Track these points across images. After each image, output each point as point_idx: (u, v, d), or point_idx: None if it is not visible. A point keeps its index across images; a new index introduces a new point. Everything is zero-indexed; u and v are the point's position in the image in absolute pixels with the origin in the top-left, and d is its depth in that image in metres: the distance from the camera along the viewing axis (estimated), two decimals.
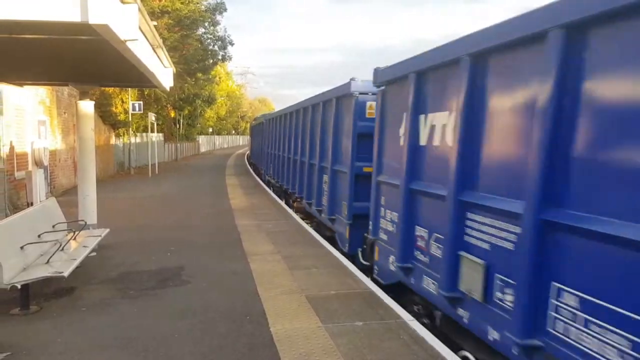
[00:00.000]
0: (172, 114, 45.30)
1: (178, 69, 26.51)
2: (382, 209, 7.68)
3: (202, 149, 67.15)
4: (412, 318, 6.14)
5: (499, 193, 4.73)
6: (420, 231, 6.36)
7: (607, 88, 3.66)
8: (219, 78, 64.53)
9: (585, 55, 3.79)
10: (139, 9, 5.20)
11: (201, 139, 67.58)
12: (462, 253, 5.26)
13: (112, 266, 8.48)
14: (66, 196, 16.94)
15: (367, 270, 8.34)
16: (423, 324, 6.09)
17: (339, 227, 10.57)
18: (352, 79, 9.74)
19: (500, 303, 4.64)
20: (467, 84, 5.14)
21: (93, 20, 4.23)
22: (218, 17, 39.23)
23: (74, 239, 8.02)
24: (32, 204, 13.28)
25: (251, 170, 32.59)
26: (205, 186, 22.57)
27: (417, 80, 6.39)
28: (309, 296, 6.90)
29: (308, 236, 11.16)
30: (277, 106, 67.97)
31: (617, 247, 3.44)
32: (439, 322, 6.06)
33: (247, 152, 53.25)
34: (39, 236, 7.36)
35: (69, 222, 8.69)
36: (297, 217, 13.79)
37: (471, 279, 5.08)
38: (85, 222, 8.92)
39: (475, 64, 5.10)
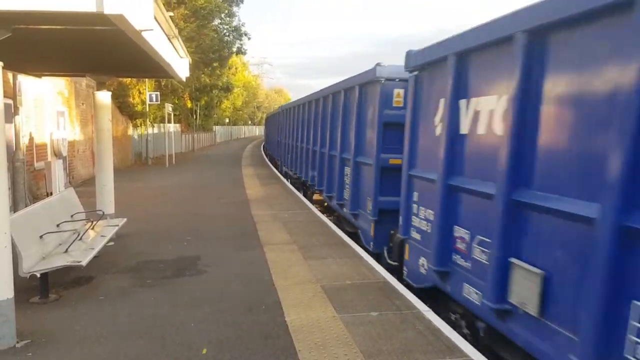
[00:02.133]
0: (189, 105, 45.47)
1: (194, 59, 26.59)
2: (415, 205, 7.14)
3: (219, 140, 67.39)
4: (428, 309, 6.11)
5: (564, 193, 4.11)
6: (460, 232, 5.79)
7: None
8: (236, 68, 64.63)
9: None
10: None
11: (218, 129, 67.80)
12: (514, 260, 4.66)
13: (129, 255, 8.56)
14: (84, 186, 17.12)
15: (394, 271, 7.89)
16: (462, 334, 5.57)
17: (363, 224, 10.12)
18: (377, 64, 9.14)
19: (562, 319, 4.07)
20: (522, 65, 4.52)
21: (108, 10, 4.23)
22: (234, 9, 39.29)
23: (92, 228, 8.11)
24: (51, 194, 13.46)
25: (267, 161, 32.64)
26: (221, 176, 22.66)
27: (457, 63, 5.82)
28: (324, 286, 6.90)
29: (324, 226, 11.16)
30: (294, 96, 68.01)
31: None
32: (482, 333, 5.50)
33: (263, 142, 53.35)
34: (57, 226, 7.45)
35: (87, 212, 8.79)
36: (313, 207, 13.78)
37: (525, 290, 4.45)
38: (103, 212, 9.02)
39: (532, 42, 4.45)
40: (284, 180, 21.04)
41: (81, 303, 6.31)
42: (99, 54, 7.94)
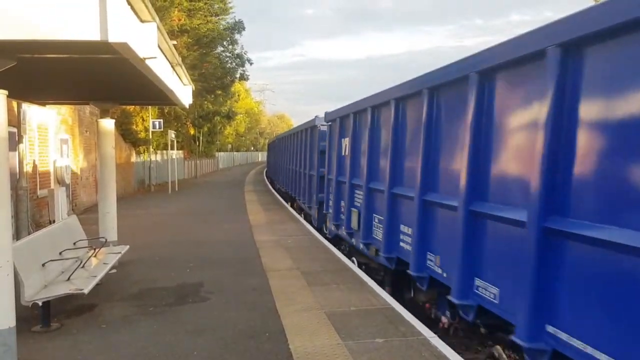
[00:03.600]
0: (192, 131, 45.73)
1: (197, 86, 26.82)
2: (331, 195, 12.49)
3: (221, 166, 67.59)
4: (433, 335, 6.03)
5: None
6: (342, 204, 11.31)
7: None
8: (238, 95, 65.15)
9: None
10: (158, 28, 5.25)
11: (220, 155, 68.06)
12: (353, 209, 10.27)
13: (132, 283, 8.51)
14: (87, 213, 17.12)
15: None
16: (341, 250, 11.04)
17: (312, 211, 16.30)
18: (316, 116, 15.53)
19: None
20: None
21: (112, 38, 4.27)
22: (236, 36, 39.82)
23: (95, 256, 8.08)
24: (54, 222, 13.44)
25: (270, 186, 32.67)
26: (224, 202, 22.66)
27: (340, 121, 11.66)
28: (328, 312, 6.83)
29: (327, 252, 11.09)
30: (296, 122, 68.21)
31: None
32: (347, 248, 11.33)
33: (265, 168, 53.49)
34: (60, 253, 7.41)
35: (89, 239, 8.76)
36: (316, 232, 13.74)
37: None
38: (106, 239, 8.98)
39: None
40: (286, 205, 21.03)
41: (83, 332, 6.25)
42: (103, 82, 8.01)
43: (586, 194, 3.96)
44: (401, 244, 7.74)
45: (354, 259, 10.34)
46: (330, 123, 12.76)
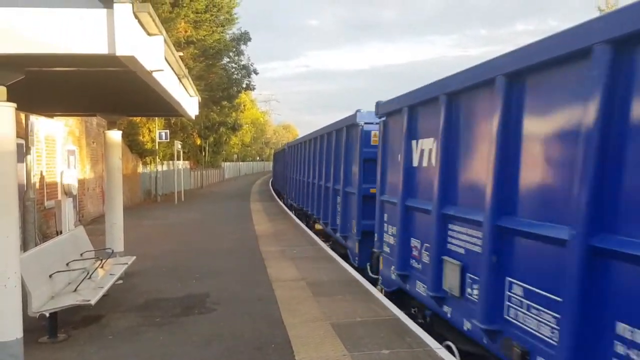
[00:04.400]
0: (198, 142, 45.89)
1: (203, 97, 26.90)
2: (385, 224, 8.70)
3: (227, 176, 67.71)
4: (439, 346, 6.01)
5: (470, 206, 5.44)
6: (414, 242, 7.33)
7: None
8: (244, 105, 65.38)
9: None
10: (165, 40, 5.30)
11: (226, 165, 68.21)
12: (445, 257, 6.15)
13: (138, 293, 8.52)
14: (94, 224, 17.18)
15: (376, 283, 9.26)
16: (419, 324, 6.93)
17: (350, 243, 11.94)
18: (357, 111, 11.14)
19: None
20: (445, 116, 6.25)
21: (120, 52, 4.32)
22: (242, 47, 40.01)
23: (101, 266, 8.11)
24: (61, 233, 13.49)
25: (275, 196, 32.69)
26: (229, 212, 22.69)
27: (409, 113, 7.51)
28: (334, 323, 6.82)
29: (333, 262, 11.08)
30: (302, 132, 68.51)
31: None
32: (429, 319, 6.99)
33: (271, 178, 53.57)
34: (67, 264, 7.45)
35: (96, 250, 8.79)
36: (321, 242, 13.73)
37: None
38: (112, 250, 9.02)
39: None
40: (292, 215, 21.02)
41: (90, 343, 6.26)
42: (110, 94, 8.08)
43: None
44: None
45: (449, 343, 6.19)
46: (384, 118, 8.94)
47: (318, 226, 16.03)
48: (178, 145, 29.94)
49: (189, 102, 9.15)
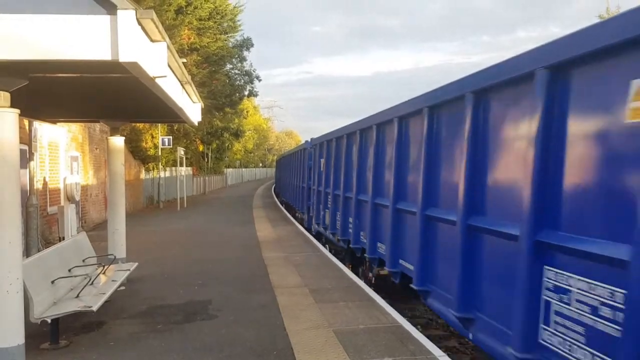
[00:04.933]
0: (201, 148, 45.98)
1: (206, 103, 27.01)
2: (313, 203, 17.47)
3: (230, 182, 67.76)
4: (443, 354, 5.98)
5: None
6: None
7: None
8: (247, 112, 65.48)
9: None
10: (168, 47, 5.32)
11: (229, 172, 68.27)
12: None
13: (140, 300, 8.51)
14: (97, 230, 17.19)
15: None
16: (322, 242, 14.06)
17: (304, 216, 20.80)
18: (306, 141, 21.23)
19: None
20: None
21: (123, 58, 4.34)
22: (245, 53, 40.14)
23: (104, 273, 8.10)
24: (63, 239, 13.50)
25: (278, 203, 32.68)
26: (232, 219, 22.68)
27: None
28: (336, 331, 6.79)
29: (335, 269, 11.06)
30: (304, 138, 68.47)
31: None
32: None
33: (274, 184, 53.58)
34: (69, 270, 7.44)
35: (98, 257, 8.78)
36: (324, 249, 13.70)
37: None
38: (115, 256, 9.00)
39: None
40: (294, 221, 21.03)
41: (91, 349, 6.25)
42: (113, 101, 8.09)
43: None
44: (349, 230, 11.47)
45: (327, 246, 14.59)
46: (313, 147, 17.91)
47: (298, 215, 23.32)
48: (181, 151, 29.99)
49: (192, 109, 9.16)
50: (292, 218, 22.59)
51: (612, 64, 3.78)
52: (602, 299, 3.72)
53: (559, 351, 4.15)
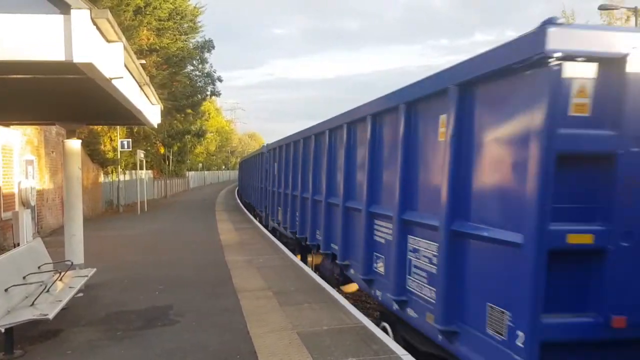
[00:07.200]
0: (162, 151, 45.29)
1: (167, 105, 26.67)
2: (269, 201, 19.16)
3: (192, 185, 66.97)
4: (406, 353, 6.04)
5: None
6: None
7: None
8: (209, 114, 64.85)
9: None
10: (125, 47, 5.22)
11: (191, 175, 67.47)
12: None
13: (99, 306, 8.31)
14: (54, 236, 16.73)
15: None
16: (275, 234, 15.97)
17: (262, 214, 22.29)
18: (263, 146, 24.67)
19: None
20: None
21: (77, 59, 4.23)
22: (206, 55, 39.78)
23: (60, 279, 7.86)
24: (18, 245, 13.08)
25: (241, 206, 32.48)
26: (194, 222, 22.42)
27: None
28: (300, 333, 6.78)
29: (298, 271, 11.04)
30: (267, 140, 68.17)
31: None
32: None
33: (237, 187, 53.24)
34: (24, 278, 7.20)
35: (55, 263, 8.53)
36: (287, 251, 13.67)
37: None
38: (72, 262, 8.76)
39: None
40: (258, 224, 20.94)
41: (47, 359, 6.06)
42: (68, 103, 7.90)
43: None
44: (296, 223, 13.34)
45: (282, 239, 15.80)
46: (269, 151, 19.63)
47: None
48: (141, 154, 29.46)
49: (151, 110, 9.03)
50: (255, 221, 22.49)
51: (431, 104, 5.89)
52: (432, 252, 5.73)
53: (415, 291, 6.21)
